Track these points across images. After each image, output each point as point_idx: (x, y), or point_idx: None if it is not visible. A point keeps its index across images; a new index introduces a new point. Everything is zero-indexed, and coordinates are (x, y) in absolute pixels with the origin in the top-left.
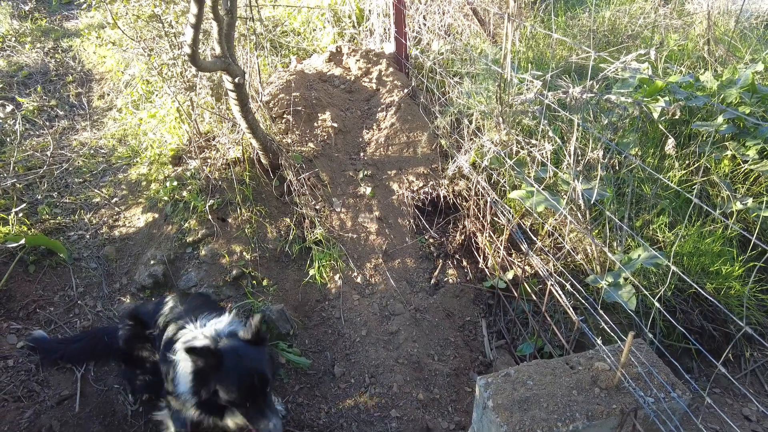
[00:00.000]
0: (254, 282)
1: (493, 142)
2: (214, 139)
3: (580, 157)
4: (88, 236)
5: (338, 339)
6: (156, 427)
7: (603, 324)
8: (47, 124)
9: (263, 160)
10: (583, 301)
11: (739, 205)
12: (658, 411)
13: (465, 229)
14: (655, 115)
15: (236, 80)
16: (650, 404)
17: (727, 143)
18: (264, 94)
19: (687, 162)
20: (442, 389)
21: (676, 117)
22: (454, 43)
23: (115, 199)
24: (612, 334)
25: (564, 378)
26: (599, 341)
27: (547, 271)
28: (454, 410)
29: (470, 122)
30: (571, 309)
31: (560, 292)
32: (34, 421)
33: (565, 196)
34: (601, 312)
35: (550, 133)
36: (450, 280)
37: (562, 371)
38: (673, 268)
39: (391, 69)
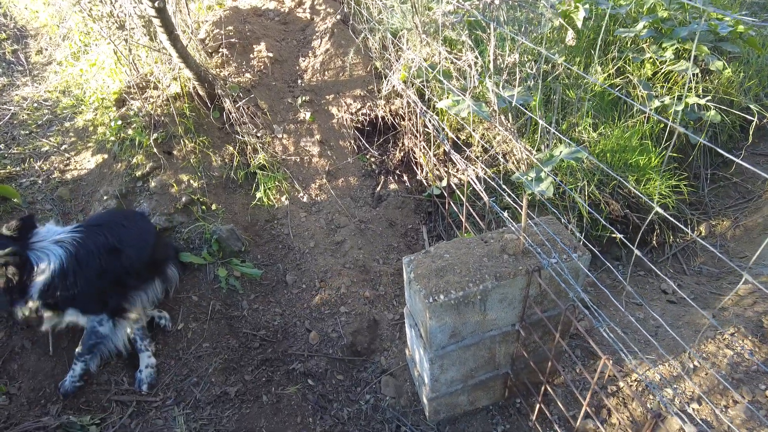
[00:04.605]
0: (204, 207)
1: (420, 57)
2: (151, 74)
3: (501, 64)
4: (40, 181)
5: (288, 252)
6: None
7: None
8: None
9: (200, 92)
10: (511, 202)
11: (657, 103)
12: (559, 270)
13: (404, 146)
14: (579, 24)
15: (156, 4)
16: (552, 264)
17: (645, 46)
18: (197, 31)
19: (609, 67)
20: (387, 287)
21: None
22: None
23: (64, 146)
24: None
25: (477, 250)
26: (506, 215)
27: (465, 163)
28: (398, 303)
29: (399, 41)
30: (484, 192)
31: (475, 180)
32: (6, 342)
33: (490, 104)
34: (528, 211)
35: (469, 42)
36: (392, 194)
37: (476, 245)
38: (591, 158)
39: None
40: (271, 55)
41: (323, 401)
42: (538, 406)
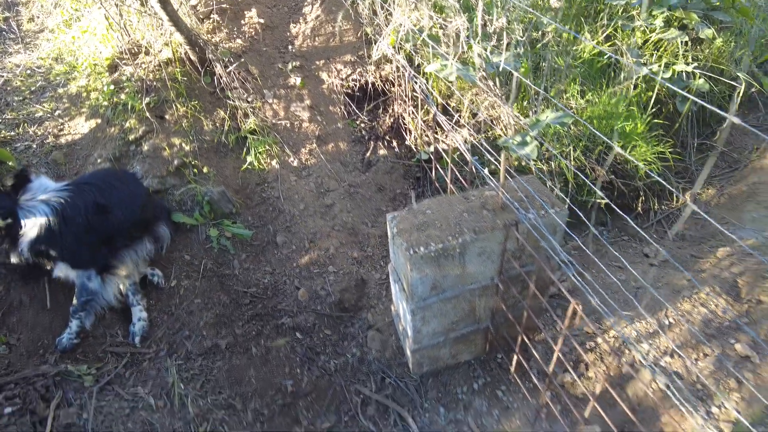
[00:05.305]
0: (195, 170)
1: (409, 21)
2: (143, 40)
3: (489, 29)
4: (34, 146)
5: (279, 214)
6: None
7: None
8: None
9: (192, 57)
10: (497, 165)
11: (645, 71)
12: (536, 224)
13: (393, 112)
14: None
15: None
16: (529, 219)
17: (635, 13)
18: None
19: (599, 35)
20: (375, 249)
21: None
22: None
23: (57, 112)
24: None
25: (458, 206)
26: (487, 171)
27: (451, 125)
28: (385, 264)
29: (389, 6)
30: (468, 153)
31: (461, 143)
32: (5, 296)
33: (479, 70)
34: (508, 168)
35: (457, 6)
36: (381, 159)
37: (457, 202)
38: (579, 119)
39: None
40: (262, 21)
41: (311, 353)
42: (515, 358)
